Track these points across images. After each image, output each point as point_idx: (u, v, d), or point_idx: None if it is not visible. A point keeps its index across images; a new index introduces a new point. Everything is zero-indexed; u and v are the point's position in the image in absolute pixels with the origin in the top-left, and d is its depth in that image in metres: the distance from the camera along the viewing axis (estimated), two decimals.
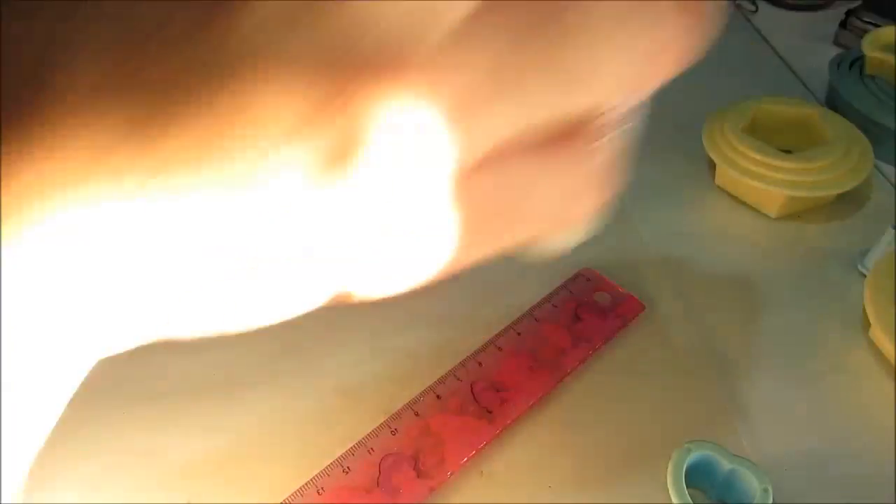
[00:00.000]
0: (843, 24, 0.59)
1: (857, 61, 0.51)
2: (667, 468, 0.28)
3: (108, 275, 0.14)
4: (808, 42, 0.60)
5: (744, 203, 0.43)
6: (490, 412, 0.31)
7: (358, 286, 0.17)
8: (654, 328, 0.36)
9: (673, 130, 0.49)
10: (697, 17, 0.17)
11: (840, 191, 0.41)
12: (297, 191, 0.14)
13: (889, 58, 0.48)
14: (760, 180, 0.41)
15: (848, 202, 0.43)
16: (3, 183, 0.12)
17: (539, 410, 0.32)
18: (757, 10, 0.64)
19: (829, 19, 0.61)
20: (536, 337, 0.35)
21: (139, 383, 0.33)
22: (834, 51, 0.57)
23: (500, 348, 0.34)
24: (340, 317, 0.26)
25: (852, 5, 0.59)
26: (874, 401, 0.34)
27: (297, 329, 0.21)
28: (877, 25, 0.56)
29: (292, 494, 0.29)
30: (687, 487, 0.28)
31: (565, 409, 0.33)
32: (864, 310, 0.35)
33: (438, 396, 0.32)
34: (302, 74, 0.13)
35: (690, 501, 0.27)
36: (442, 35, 0.14)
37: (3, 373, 0.13)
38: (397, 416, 0.31)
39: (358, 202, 0.15)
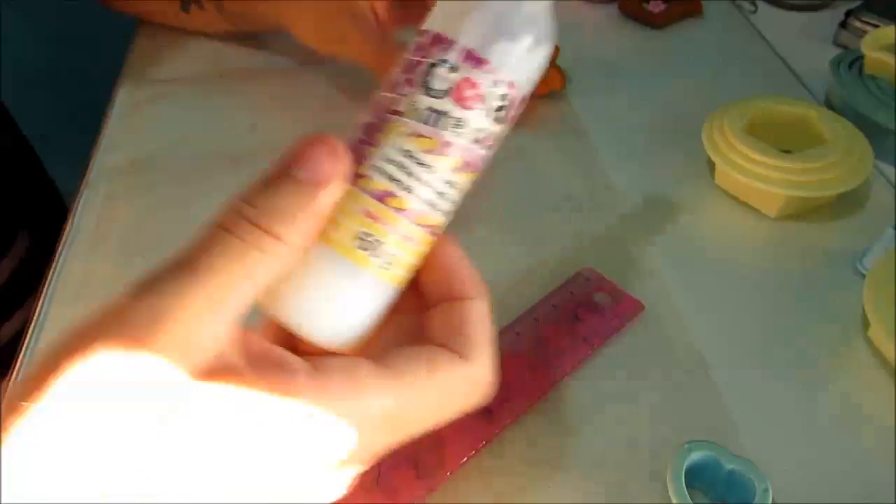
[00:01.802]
0: (843, 24, 0.59)
1: (857, 61, 0.51)
2: (667, 468, 0.29)
3: None
4: (808, 42, 0.60)
5: (744, 203, 0.43)
6: (490, 412, 0.31)
7: None
8: (653, 328, 0.36)
9: (673, 130, 0.49)
10: None
11: (840, 191, 0.41)
12: None
13: (889, 58, 0.48)
14: (760, 180, 0.41)
15: (848, 202, 0.43)
16: None
17: (539, 410, 0.32)
18: (757, 10, 0.64)
19: (829, 19, 0.61)
20: (536, 337, 0.35)
21: None
22: (834, 51, 0.57)
23: (500, 348, 0.34)
24: None
25: (852, 5, 0.59)
26: (874, 401, 0.34)
27: None
28: (877, 25, 0.56)
29: None
30: (687, 487, 0.28)
31: (565, 409, 0.33)
32: (864, 310, 0.35)
33: None
34: None
35: (690, 501, 0.27)
36: None
37: None
38: None
39: None
